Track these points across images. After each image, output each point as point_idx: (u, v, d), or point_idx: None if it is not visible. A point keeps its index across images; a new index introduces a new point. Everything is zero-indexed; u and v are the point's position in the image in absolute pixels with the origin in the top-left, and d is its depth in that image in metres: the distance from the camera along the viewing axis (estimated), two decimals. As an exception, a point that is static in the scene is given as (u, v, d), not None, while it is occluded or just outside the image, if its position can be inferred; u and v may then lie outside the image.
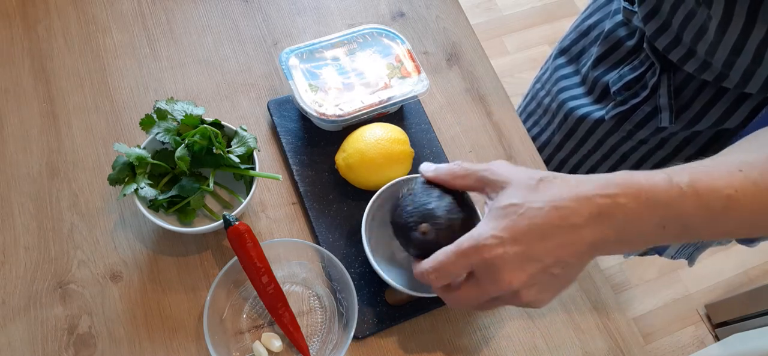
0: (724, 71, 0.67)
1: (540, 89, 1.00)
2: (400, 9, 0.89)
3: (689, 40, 0.68)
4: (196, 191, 0.64)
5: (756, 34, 0.60)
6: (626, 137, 0.83)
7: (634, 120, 0.80)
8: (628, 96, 0.79)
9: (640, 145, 0.83)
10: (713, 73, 0.68)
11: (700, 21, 0.66)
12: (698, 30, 0.66)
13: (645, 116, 0.79)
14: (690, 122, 0.75)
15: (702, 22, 0.65)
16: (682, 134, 0.78)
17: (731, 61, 0.65)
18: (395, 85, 0.74)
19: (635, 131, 0.81)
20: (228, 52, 0.81)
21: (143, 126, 0.64)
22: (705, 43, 0.66)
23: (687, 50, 0.69)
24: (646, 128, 0.80)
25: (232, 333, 0.63)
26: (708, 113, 0.73)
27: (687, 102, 0.74)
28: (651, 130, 0.80)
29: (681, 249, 0.92)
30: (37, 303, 0.62)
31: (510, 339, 0.68)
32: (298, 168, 0.73)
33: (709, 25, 0.64)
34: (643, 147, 0.83)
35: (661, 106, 0.75)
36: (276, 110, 0.76)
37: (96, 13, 0.81)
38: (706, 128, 0.75)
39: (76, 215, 0.67)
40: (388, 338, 0.66)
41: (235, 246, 0.61)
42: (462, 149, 0.79)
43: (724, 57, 0.65)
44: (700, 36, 0.66)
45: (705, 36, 0.66)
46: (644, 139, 0.82)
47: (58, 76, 0.75)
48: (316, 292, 0.67)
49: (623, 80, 0.79)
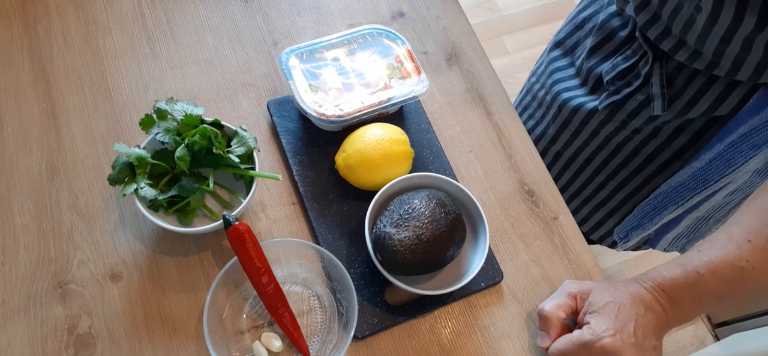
0: (714, 60, 0.68)
1: (535, 83, 1.00)
2: (400, 9, 0.89)
3: (678, 31, 0.69)
4: (196, 191, 0.64)
5: (746, 24, 0.61)
6: (620, 126, 0.83)
7: (628, 109, 0.81)
8: (621, 85, 0.80)
9: (634, 134, 0.83)
10: (704, 62, 0.69)
11: (687, 13, 0.67)
12: (686, 21, 0.67)
13: (638, 105, 0.79)
14: (682, 109, 0.75)
15: (690, 14, 0.66)
16: (675, 122, 0.79)
17: (721, 50, 0.66)
18: (395, 86, 0.74)
19: (628, 121, 0.82)
20: (228, 52, 0.81)
21: (143, 126, 0.64)
22: (694, 34, 0.67)
23: (677, 41, 0.70)
24: (640, 116, 0.80)
25: (232, 333, 0.63)
26: (700, 100, 0.74)
27: (679, 90, 0.75)
28: (644, 119, 0.80)
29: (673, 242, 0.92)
30: (37, 303, 0.62)
31: (510, 339, 0.68)
32: (298, 168, 0.73)
33: (697, 18, 0.65)
34: (637, 136, 0.83)
35: (654, 94, 0.76)
36: (276, 110, 0.76)
37: (96, 13, 0.81)
38: (699, 116, 0.75)
39: (76, 215, 0.67)
40: (388, 338, 0.66)
41: (235, 246, 0.61)
42: (462, 149, 0.79)
43: (714, 46, 0.66)
44: (688, 26, 0.68)
45: (693, 26, 0.67)
46: (638, 128, 0.82)
47: (58, 76, 0.75)
48: (316, 292, 0.67)
49: (616, 70, 0.80)
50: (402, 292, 0.66)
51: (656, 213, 0.86)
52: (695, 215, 0.84)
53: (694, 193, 0.80)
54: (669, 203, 0.83)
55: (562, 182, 0.98)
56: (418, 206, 0.63)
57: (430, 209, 0.63)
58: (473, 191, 0.75)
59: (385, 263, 0.63)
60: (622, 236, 0.94)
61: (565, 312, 0.63)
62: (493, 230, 0.74)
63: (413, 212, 0.63)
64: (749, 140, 0.70)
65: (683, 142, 0.81)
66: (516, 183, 0.78)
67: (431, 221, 0.62)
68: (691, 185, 0.80)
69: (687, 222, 0.87)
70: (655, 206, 0.86)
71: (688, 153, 0.82)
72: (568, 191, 0.99)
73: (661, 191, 0.84)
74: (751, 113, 0.69)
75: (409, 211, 0.63)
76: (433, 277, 0.68)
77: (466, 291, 0.69)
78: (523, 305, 0.70)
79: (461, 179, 0.77)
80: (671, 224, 0.88)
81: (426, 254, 0.62)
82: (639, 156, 0.86)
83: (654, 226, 0.88)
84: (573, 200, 0.99)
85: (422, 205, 0.63)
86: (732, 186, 0.77)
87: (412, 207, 0.63)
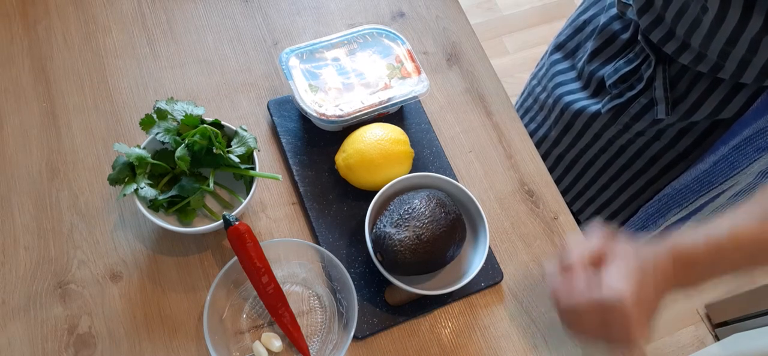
0: (719, 62, 0.67)
1: (536, 85, 1.00)
2: (400, 9, 0.89)
3: (683, 33, 0.69)
4: (196, 191, 0.64)
5: (753, 25, 0.61)
6: (623, 129, 0.83)
7: (631, 113, 0.80)
8: (624, 89, 0.80)
9: (637, 137, 0.83)
10: (708, 65, 0.69)
11: (693, 14, 0.66)
12: (692, 23, 0.67)
13: (641, 109, 0.79)
14: (686, 113, 0.75)
15: (695, 15, 0.66)
16: (679, 125, 0.79)
17: (726, 51, 0.65)
18: (395, 86, 0.74)
19: (632, 124, 0.82)
20: (228, 52, 0.81)
21: (143, 126, 0.64)
22: (699, 36, 0.67)
23: (681, 43, 0.70)
24: (643, 120, 0.80)
25: (232, 333, 0.63)
26: (704, 103, 0.74)
27: (682, 93, 0.75)
28: (647, 122, 0.80)
29: None
30: (37, 303, 0.62)
31: (510, 339, 0.68)
32: (298, 168, 0.73)
33: (704, 18, 0.65)
34: (640, 139, 0.83)
35: (657, 98, 0.76)
36: (276, 110, 0.76)
37: (96, 13, 0.81)
38: (703, 119, 0.75)
39: (76, 215, 0.67)
40: (388, 338, 0.66)
41: (235, 246, 0.61)
42: (462, 149, 0.79)
43: (719, 48, 0.66)
44: (693, 28, 0.67)
45: (699, 28, 0.66)
46: (641, 131, 0.82)
47: (58, 76, 0.75)
48: (316, 292, 0.67)
49: (619, 73, 0.79)
50: (402, 292, 0.66)
51: (660, 216, 0.86)
52: (699, 217, 0.84)
53: (698, 195, 0.79)
54: (673, 205, 0.83)
55: (564, 184, 0.98)
56: (418, 206, 0.63)
57: (430, 209, 0.63)
58: (473, 191, 0.75)
59: (385, 263, 0.63)
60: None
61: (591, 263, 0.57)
62: (493, 230, 0.74)
63: (413, 212, 0.63)
64: (754, 142, 0.70)
65: (687, 144, 0.81)
66: (516, 183, 0.78)
67: (431, 221, 0.62)
68: (695, 188, 0.80)
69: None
70: (659, 209, 0.86)
71: (692, 156, 0.81)
72: (570, 194, 0.99)
73: (665, 193, 0.84)
74: (756, 115, 0.69)
75: (409, 211, 0.63)
76: (433, 277, 0.68)
77: (466, 291, 0.69)
78: (523, 305, 0.70)
79: (461, 179, 0.77)
80: (675, 228, 0.88)
81: (426, 254, 0.62)
82: (642, 159, 0.85)
83: (658, 229, 0.88)
84: (576, 203, 0.99)
85: (422, 205, 0.63)
86: (736, 188, 0.77)
87: (412, 207, 0.63)
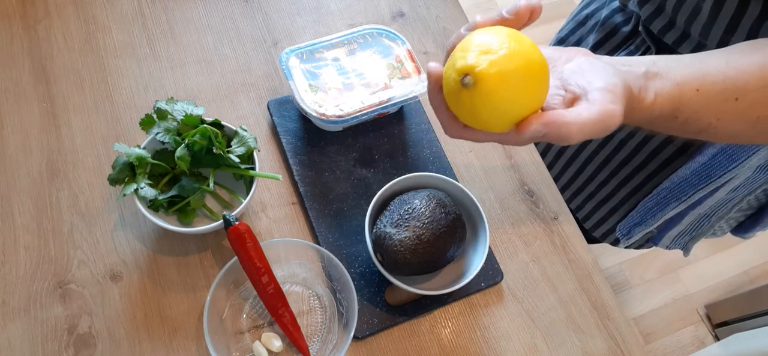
0: None
1: None
2: (400, 9, 0.89)
3: (683, 22, 0.69)
4: (196, 191, 0.64)
5: (751, 12, 0.61)
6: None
7: None
8: None
9: (637, 130, 0.83)
10: None
11: (693, 2, 0.67)
12: (692, 11, 0.68)
13: None
14: None
15: (695, 3, 0.67)
16: None
17: (726, 40, 0.66)
18: (395, 86, 0.74)
19: None
20: (228, 52, 0.81)
21: (143, 126, 0.64)
22: (698, 24, 0.67)
23: (681, 33, 0.71)
24: None
25: (232, 333, 0.63)
26: None
27: None
28: None
29: (676, 239, 0.92)
30: (37, 303, 0.62)
31: (510, 339, 0.68)
32: (298, 168, 0.73)
33: (703, 6, 0.65)
34: (640, 132, 0.83)
35: None
36: (276, 110, 0.76)
37: (96, 13, 0.81)
38: None
39: (76, 215, 0.67)
40: (388, 338, 0.66)
41: (235, 246, 0.61)
42: (462, 148, 0.79)
43: (718, 37, 0.66)
44: (693, 17, 0.68)
45: (699, 16, 0.67)
46: None
47: (58, 76, 0.75)
48: (316, 292, 0.67)
49: None
50: (402, 292, 0.66)
51: (659, 209, 0.86)
52: (698, 211, 0.84)
53: (696, 189, 0.80)
54: (672, 199, 0.83)
55: (564, 179, 0.98)
56: (418, 206, 0.63)
57: (430, 209, 0.63)
58: (473, 191, 0.75)
59: (385, 263, 0.63)
60: (624, 233, 0.94)
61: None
62: (493, 230, 0.74)
63: (413, 212, 0.63)
64: None
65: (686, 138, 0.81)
66: (516, 183, 0.78)
67: (431, 222, 0.62)
68: (693, 181, 0.80)
69: (690, 219, 0.87)
70: (658, 202, 0.86)
71: (691, 149, 0.82)
72: (570, 189, 0.99)
73: (664, 187, 0.84)
74: None
75: (409, 211, 0.63)
76: (433, 277, 0.68)
77: (466, 291, 0.69)
78: (523, 305, 0.70)
79: (461, 179, 0.77)
80: (674, 221, 0.88)
81: (426, 255, 0.62)
82: (641, 153, 0.86)
83: (656, 222, 0.88)
84: (575, 198, 0.99)
85: (422, 205, 0.63)
86: (735, 182, 0.77)
87: (412, 207, 0.63)
